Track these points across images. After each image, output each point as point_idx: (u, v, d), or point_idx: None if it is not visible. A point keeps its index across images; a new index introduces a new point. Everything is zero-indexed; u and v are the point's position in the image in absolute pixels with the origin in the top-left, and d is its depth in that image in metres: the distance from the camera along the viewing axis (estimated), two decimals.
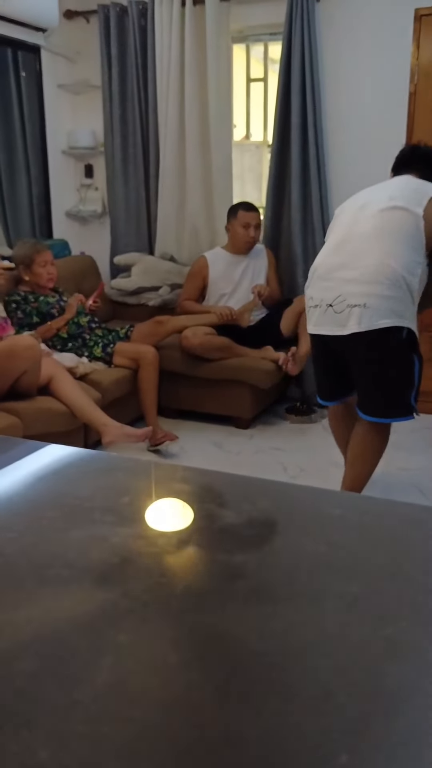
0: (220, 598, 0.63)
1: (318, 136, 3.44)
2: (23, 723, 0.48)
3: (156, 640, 0.57)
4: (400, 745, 0.47)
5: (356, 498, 0.83)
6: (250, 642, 0.57)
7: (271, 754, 0.46)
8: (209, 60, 3.58)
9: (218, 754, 0.46)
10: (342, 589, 0.64)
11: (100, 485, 0.86)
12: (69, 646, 0.56)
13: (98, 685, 0.52)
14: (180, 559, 0.70)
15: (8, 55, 3.67)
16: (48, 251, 3.24)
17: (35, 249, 3.19)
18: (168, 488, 0.86)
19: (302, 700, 0.50)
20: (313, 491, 0.86)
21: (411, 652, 0.56)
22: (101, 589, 0.64)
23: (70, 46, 3.96)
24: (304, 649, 0.56)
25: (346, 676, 0.53)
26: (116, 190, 3.96)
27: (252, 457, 3.13)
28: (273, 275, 3.65)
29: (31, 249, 3.18)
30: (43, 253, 3.19)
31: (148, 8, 3.65)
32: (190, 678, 0.53)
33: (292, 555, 0.71)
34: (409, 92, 3.37)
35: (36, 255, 3.16)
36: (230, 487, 0.87)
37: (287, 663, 0.55)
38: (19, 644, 0.56)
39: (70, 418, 2.78)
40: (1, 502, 0.81)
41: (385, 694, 0.51)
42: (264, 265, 3.60)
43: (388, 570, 0.68)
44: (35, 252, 3.17)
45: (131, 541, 0.71)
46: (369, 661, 0.55)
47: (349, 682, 0.52)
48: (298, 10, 3.32)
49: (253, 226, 3.44)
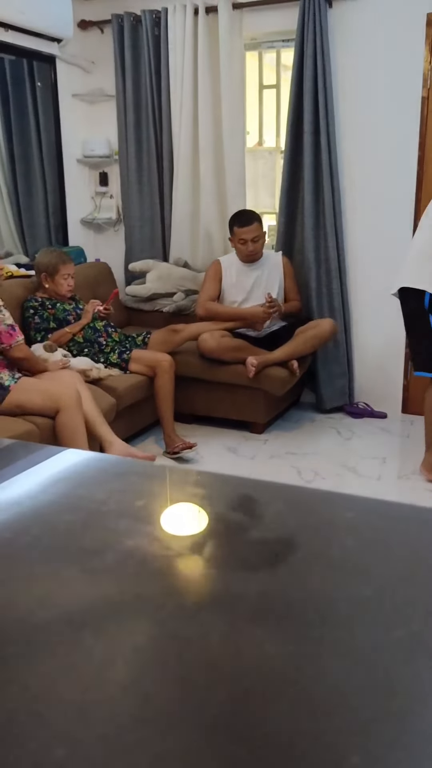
0: (234, 600, 0.63)
1: (330, 142, 3.45)
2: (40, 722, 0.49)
3: (169, 641, 0.58)
4: (412, 747, 0.47)
5: (370, 502, 0.83)
6: (262, 643, 0.57)
7: (282, 755, 0.46)
8: (222, 67, 3.60)
9: (228, 754, 0.46)
10: (355, 592, 0.64)
11: (116, 489, 0.87)
12: (83, 647, 0.57)
13: (111, 686, 0.53)
14: (194, 562, 0.70)
15: (24, 65, 3.72)
16: (72, 263, 3.27)
17: (62, 259, 3.21)
18: (182, 492, 0.86)
19: (313, 702, 0.51)
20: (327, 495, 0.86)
21: (423, 655, 0.56)
22: (115, 591, 0.65)
23: (85, 55, 4.00)
24: (315, 651, 0.56)
25: (357, 678, 0.53)
26: (131, 198, 3.99)
27: (266, 462, 3.14)
28: (291, 285, 3.61)
29: (57, 258, 3.21)
30: (69, 265, 3.23)
31: (161, 17, 3.69)
32: (202, 678, 0.54)
33: (305, 558, 0.71)
34: (422, 97, 3.36)
35: (61, 265, 3.19)
36: (243, 491, 0.88)
37: (299, 664, 0.55)
38: (35, 645, 0.57)
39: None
40: (19, 505, 0.82)
41: (397, 695, 0.52)
42: (278, 274, 3.56)
43: (401, 573, 0.68)
44: (61, 262, 3.20)
45: (146, 544, 0.72)
46: (381, 663, 0.55)
47: (361, 683, 0.53)
48: (310, 17, 3.33)
49: (250, 240, 3.40)
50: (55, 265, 3.19)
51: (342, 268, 3.62)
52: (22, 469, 0.92)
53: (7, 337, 2.68)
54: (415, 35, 3.30)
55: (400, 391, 3.76)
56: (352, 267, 3.69)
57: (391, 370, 3.75)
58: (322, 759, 0.46)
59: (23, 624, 0.60)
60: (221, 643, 0.58)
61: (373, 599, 0.63)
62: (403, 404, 3.77)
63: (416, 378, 3.68)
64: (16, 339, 2.70)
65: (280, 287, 3.58)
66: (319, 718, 0.49)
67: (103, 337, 3.28)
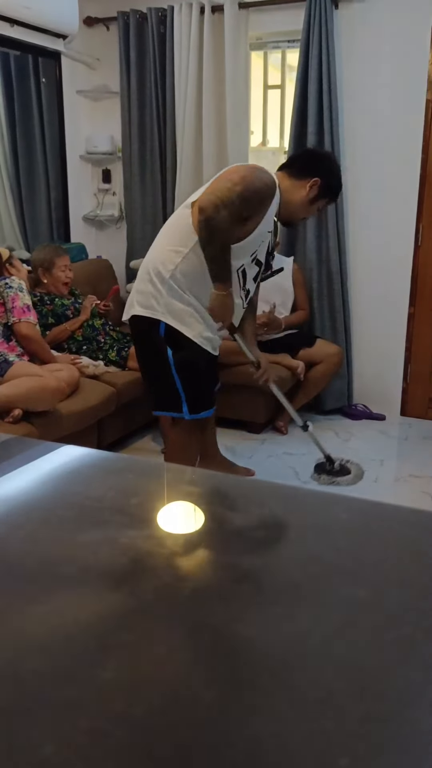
0: (227, 600, 0.63)
1: (334, 143, 3.45)
2: (30, 719, 0.49)
3: (161, 640, 0.58)
4: (401, 750, 0.47)
5: (364, 503, 0.83)
6: (254, 644, 0.57)
7: (272, 755, 0.46)
8: (227, 67, 3.60)
9: (219, 754, 0.46)
10: (347, 594, 0.64)
11: (111, 486, 0.87)
12: (76, 643, 0.57)
13: (104, 683, 0.52)
14: (188, 560, 0.70)
15: (29, 61, 3.72)
16: (67, 255, 3.35)
17: (56, 252, 3.30)
18: (178, 490, 0.86)
19: (305, 703, 0.51)
20: (321, 495, 0.86)
21: (414, 657, 0.56)
22: (109, 588, 0.65)
23: (90, 52, 4.00)
24: (307, 653, 0.56)
25: (348, 680, 0.53)
26: (133, 195, 3.99)
27: (264, 462, 3.14)
28: (300, 293, 3.60)
29: (51, 252, 3.29)
30: (64, 257, 3.31)
31: (167, 15, 3.68)
32: (194, 678, 0.54)
33: (298, 559, 0.71)
34: (426, 100, 3.36)
35: (57, 258, 3.27)
36: (239, 490, 0.88)
37: (291, 665, 0.55)
38: (28, 642, 0.57)
39: (82, 419, 2.80)
40: (14, 501, 0.82)
41: (388, 698, 0.52)
42: (286, 279, 3.53)
43: (394, 575, 0.68)
44: (56, 255, 3.28)
45: (140, 542, 0.72)
46: (372, 665, 0.55)
47: (352, 685, 0.53)
48: (316, 18, 3.33)
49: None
50: (50, 259, 3.25)
51: (343, 269, 3.62)
52: (18, 465, 0.92)
53: (19, 312, 2.77)
54: (421, 37, 3.30)
55: (398, 393, 3.76)
56: (353, 268, 3.69)
57: (389, 372, 3.75)
58: (312, 760, 0.46)
59: (15, 620, 0.60)
60: (213, 642, 0.58)
61: (367, 601, 0.63)
62: (402, 407, 3.77)
63: (415, 380, 3.69)
64: (27, 317, 2.78)
65: (287, 293, 3.56)
66: (309, 719, 0.49)
67: (101, 336, 3.28)
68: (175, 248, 2.14)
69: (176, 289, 2.14)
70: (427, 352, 3.66)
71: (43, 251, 3.30)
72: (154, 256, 2.18)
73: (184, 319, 2.17)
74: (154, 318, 2.16)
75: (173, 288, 2.14)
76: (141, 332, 2.25)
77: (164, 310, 2.16)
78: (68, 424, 2.73)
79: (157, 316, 2.16)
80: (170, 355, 2.18)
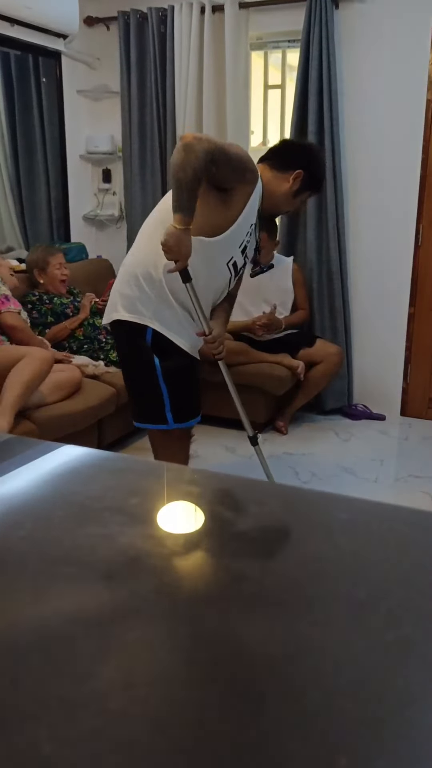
0: (226, 600, 0.63)
1: (334, 143, 3.45)
2: (29, 719, 0.49)
3: (160, 639, 0.58)
4: (401, 750, 0.47)
5: (364, 503, 0.83)
6: (253, 644, 0.57)
7: (271, 755, 0.46)
8: (227, 66, 3.60)
9: (218, 754, 0.46)
10: (347, 594, 0.64)
11: (111, 485, 0.87)
12: (75, 642, 0.57)
13: (102, 683, 0.52)
14: (187, 560, 0.70)
15: (29, 60, 3.72)
16: (61, 253, 3.35)
17: (49, 251, 3.31)
18: (178, 490, 0.86)
19: (303, 703, 0.51)
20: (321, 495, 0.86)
21: (414, 658, 0.56)
22: (108, 587, 0.65)
23: (90, 52, 4.00)
24: (307, 653, 0.56)
25: (347, 680, 0.53)
26: (133, 195, 3.99)
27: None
28: (300, 293, 3.60)
29: (45, 252, 3.30)
30: (57, 255, 3.31)
31: (167, 15, 3.68)
32: (193, 678, 0.54)
33: (298, 559, 0.71)
34: (426, 99, 3.36)
35: (50, 257, 3.28)
36: (239, 490, 0.88)
37: (290, 666, 0.55)
38: (26, 640, 0.57)
39: (82, 419, 2.80)
40: (14, 500, 0.82)
41: (387, 698, 0.51)
42: (287, 279, 3.53)
43: (394, 576, 0.68)
44: (49, 254, 3.29)
45: (139, 542, 0.72)
46: (371, 665, 0.55)
47: (351, 685, 0.53)
48: (317, 18, 3.33)
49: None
50: (44, 259, 3.27)
51: (343, 269, 3.62)
52: (18, 465, 0.92)
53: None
54: (421, 37, 3.30)
55: (399, 393, 3.76)
56: (353, 268, 3.69)
57: (390, 372, 3.75)
58: (311, 759, 0.46)
59: (13, 619, 0.60)
60: (213, 642, 0.57)
61: (367, 602, 0.63)
62: (402, 407, 3.77)
63: (415, 380, 3.69)
64: (8, 307, 2.79)
65: (287, 293, 3.56)
66: (309, 718, 0.49)
67: (102, 335, 3.28)
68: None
69: (166, 293, 2.00)
70: (427, 352, 3.66)
71: (36, 252, 3.32)
72: (140, 258, 2.03)
73: (173, 326, 2.04)
74: (141, 323, 2.01)
75: (164, 292, 2.00)
76: (125, 338, 2.10)
77: (152, 316, 2.01)
78: (68, 424, 2.73)
79: (144, 321, 2.01)
80: (157, 363, 2.04)
